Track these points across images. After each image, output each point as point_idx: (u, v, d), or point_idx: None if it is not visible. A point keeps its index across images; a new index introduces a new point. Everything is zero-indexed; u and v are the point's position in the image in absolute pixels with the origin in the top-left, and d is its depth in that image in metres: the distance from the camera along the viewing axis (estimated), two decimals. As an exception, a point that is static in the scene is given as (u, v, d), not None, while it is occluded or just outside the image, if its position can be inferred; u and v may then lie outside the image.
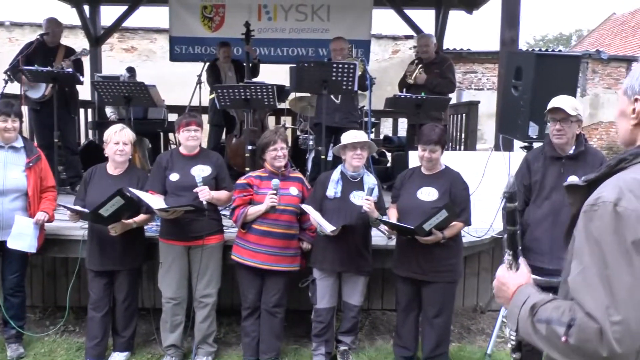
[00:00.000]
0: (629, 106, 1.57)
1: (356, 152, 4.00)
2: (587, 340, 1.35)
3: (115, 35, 13.13)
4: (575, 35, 35.09)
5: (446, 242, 3.81)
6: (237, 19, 8.27)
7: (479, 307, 5.39)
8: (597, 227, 1.40)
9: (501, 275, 1.70)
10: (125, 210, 3.91)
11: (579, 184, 1.60)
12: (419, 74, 6.38)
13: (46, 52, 6.34)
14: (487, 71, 15.25)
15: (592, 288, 1.37)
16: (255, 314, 4.19)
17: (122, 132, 4.15)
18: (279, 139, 4.12)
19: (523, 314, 1.53)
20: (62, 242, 4.65)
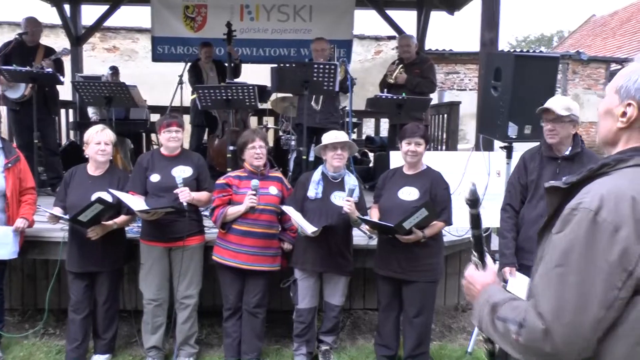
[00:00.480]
0: (618, 107, 1.56)
1: (336, 152, 4.02)
2: (534, 339, 1.40)
3: (96, 35, 13.02)
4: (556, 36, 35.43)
5: (427, 241, 3.84)
6: (219, 19, 8.27)
7: (460, 306, 5.44)
8: (572, 232, 1.41)
9: (469, 275, 1.77)
10: (104, 213, 3.89)
11: (560, 186, 1.60)
12: (400, 74, 6.42)
13: (25, 52, 6.28)
14: (469, 72, 15.34)
15: (551, 290, 1.40)
16: (237, 315, 4.19)
17: (104, 132, 4.13)
18: (257, 137, 4.12)
19: (485, 312, 1.57)
20: (41, 244, 4.63)
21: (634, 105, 1.52)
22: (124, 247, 4.33)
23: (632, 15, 20.71)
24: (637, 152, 1.52)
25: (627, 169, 1.49)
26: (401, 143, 4.00)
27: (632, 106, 1.53)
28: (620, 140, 1.57)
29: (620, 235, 1.36)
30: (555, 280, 1.40)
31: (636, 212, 1.38)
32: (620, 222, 1.37)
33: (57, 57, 6.33)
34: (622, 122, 1.55)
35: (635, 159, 1.50)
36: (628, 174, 1.48)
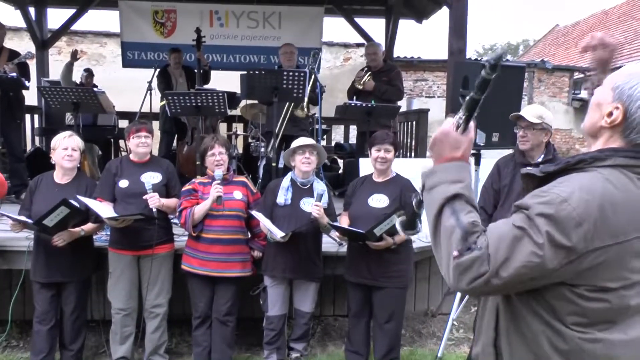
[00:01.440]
0: (607, 105, 1.57)
1: (305, 155, 4.04)
2: (471, 272, 1.43)
3: (63, 39, 12.79)
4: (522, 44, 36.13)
5: (396, 247, 3.87)
6: (188, 24, 8.23)
7: (430, 311, 5.48)
8: (538, 207, 1.43)
9: (445, 131, 1.64)
10: (70, 218, 3.81)
11: (536, 174, 1.62)
12: (368, 81, 6.49)
13: None
14: (438, 79, 15.50)
15: (504, 242, 1.43)
16: (207, 323, 4.15)
17: (71, 138, 4.05)
18: (216, 144, 4.11)
19: (443, 190, 1.55)
20: (5, 253, 4.53)
21: (621, 109, 1.55)
22: (91, 256, 4.25)
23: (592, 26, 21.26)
24: (615, 152, 1.54)
25: (603, 168, 1.52)
26: (371, 150, 4.03)
27: (619, 109, 1.55)
28: (601, 137, 1.59)
29: (578, 230, 1.41)
30: (512, 236, 1.43)
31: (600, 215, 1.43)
32: (583, 219, 1.41)
33: (21, 60, 6.17)
34: (606, 122, 1.57)
35: (612, 159, 1.53)
36: (604, 174, 1.51)
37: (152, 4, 8.96)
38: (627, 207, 1.47)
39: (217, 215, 4.02)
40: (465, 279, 1.44)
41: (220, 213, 4.01)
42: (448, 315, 4.64)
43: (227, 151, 4.20)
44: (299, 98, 5.21)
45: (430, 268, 5.53)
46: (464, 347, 4.89)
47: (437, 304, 5.48)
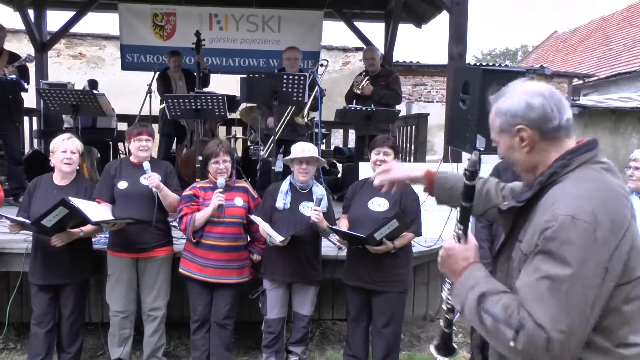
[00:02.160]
0: (511, 140, 1.65)
1: (302, 166, 4.03)
2: (535, 346, 1.44)
3: (62, 41, 12.79)
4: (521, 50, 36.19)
5: (396, 252, 3.86)
6: (188, 27, 8.24)
7: (429, 316, 5.48)
8: (556, 242, 1.45)
9: (449, 247, 1.74)
10: (69, 219, 3.78)
11: (515, 205, 1.66)
12: (366, 85, 6.51)
13: None
14: (437, 84, 15.51)
15: (543, 301, 1.44)
16: (205, 327, 4.14)
17: (70, 140, 4.04)
18: (221, 151, 4.08)
19: (470, 300, 1.59)
20: (3, 255, 4.51)
21: (524, 125, 1.61)
22: (90, 258, 4.24)
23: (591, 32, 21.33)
24: (573, 154, 1.60)
25: (574, 172, 1.57)
26: (370, 153, 4.03)
27: (523, 129, 1.61)
28: (535, 162, 1.65)
29: (597, 235, 1.43)
30: (546, 290, 1.44)
31: (608, 212, 1.46)
32: (596, 223, 1.44)
33: (21, 63, 6.19)
34: (526, 146, 1.63)
35: (576, 159, 1.58)
36: (581, 176, 1.55)
37: (151, 7, 8.96)
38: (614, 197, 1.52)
39: (217, 222, 4.01)
40: (541, 357, 1.45)
41: (220, 220, 4.01)
42: (446, 319, 4.64)
43: (232, 158, 4.19)
44: (298, 101, 5.21)
45: (429, 272, 5.53)
46: (463, 351, 4.88)
47: (436, 309, 5.47)
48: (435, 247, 5.09)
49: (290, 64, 6.19)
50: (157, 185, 3.99)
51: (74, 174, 4.13)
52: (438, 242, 5.10)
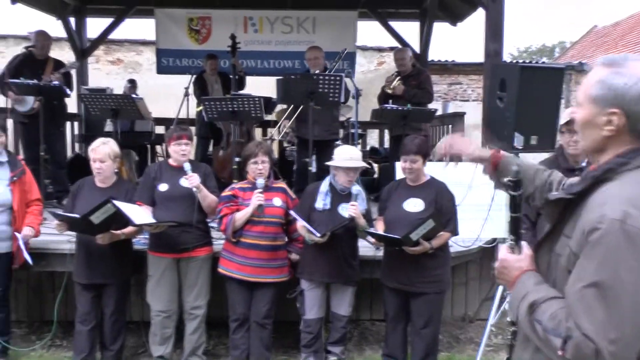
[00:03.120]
0: (598, 116, 1.54)
1: (349, 175, 4.02)
2: (584, 357, 1.40)
3: (101, 48, 13.04)
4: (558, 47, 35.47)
5: (434, 252, 3.83)
6: (223, 31, 8.29)
7: (468, 317, 5.42)
8: (603, 247, 1.40)
9: (503, 258, 1.72)
10: (114, 220, 3.85)
11: (564, 197, 1.60)
12: (398, 85, 6.48)
13: (35, 65, 6.30)
14: (472, 82, 15.31)
15: (591, 310, 1.39)
16: (244, 326, 4.18)
17: (99, 148, 4.08)
18: (259, 152, 4.11)
19: (522, 309, 1.56)
20: (48, 256, 4.64)
21: (619, 112, 1.51)
22: (131, 259, 4.32)
23: (634, 25, 20.76)
24: (636, 152, 1.52)
25: (631, 172, 1.50)
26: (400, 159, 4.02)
27: (616, 113, 1.51)
28: (610, 146, 1.56)
29: None
30: (593, 298, 1.39)
31: None
32: None
33: (67, 70, 6.38)
34: (610, 131, 1.53)
35: (637, 159, 1.51)
36: (636, 177, 1.48)
37: (187, 11, 9.08)
38: None
39: (257, 222, 4.04)
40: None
41: (260, 219, 4.04)
42: (486, 320, 4.59)
43: (271, 159, 4.22)
44: (334, 102, 5.21)
45: (468, 273, 5.47)
46: (503, 353, 4.80)
47: (475, 310, 5.40)
48: (474, 247, 5.03)
49: (312, 64, 6.18)
50: (197, 186, 4.05)
51: (113, 177, 4.22)
52: (476, 242, 5.04)
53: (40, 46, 6.43)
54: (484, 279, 5.47)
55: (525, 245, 1.71)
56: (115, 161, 4.17)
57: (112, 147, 4.15)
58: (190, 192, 4.10)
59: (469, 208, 5.05)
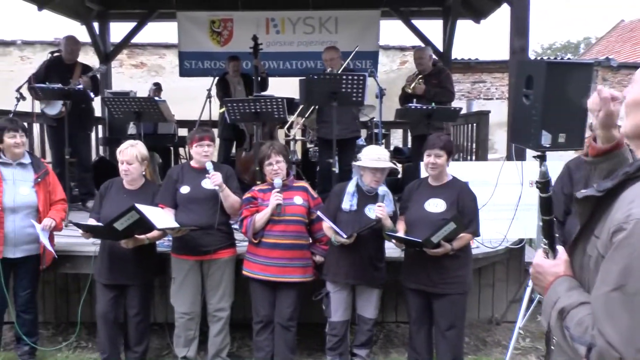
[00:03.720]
0: None
1: (376, 175, 3.96)
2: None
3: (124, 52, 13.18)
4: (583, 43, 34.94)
5: (455, 253, 3.77)
6: (245, 32, 8.30)
7: (495, 319, 5.32)
8: (628, 249, 1.31)
9: (537, 264, 1.66)
10: (138, 226, 3.86)
11: (594, 194, 1.52)
12: (418, 84, 6.40)
13: (63, 70, 6.40)
14: (496, 80, 15.15)
15: (615, 316, 1.32)
16: (268, 328, 4.15)
17: (127, 150, 4.10)
18: (272, 152, 4.09)
19: (553, 316, 1.51)
20: (73, 258, 4.68)
21: None
22: (154, 261, 4.34)
23: (662, 20, 20.33)
24: None
25: None
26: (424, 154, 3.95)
27: None
28: None
29: None
30: (618, 304, 1.31)
31: None
32: None
33: (94, 74, 6.47)
34: None
35: None
36: None
37: (208, 13, 9.09)
38: None
39: (278, 220, 4.02)
40: None
41: (280, 218, 4.02)
42: (513, 323, 4.51)
43: (285, 158, 4.19)
44: (358, 102, 5.15)
45: (494, 274, 5.38)
46: (532, 357, 4.72)
47: (502, 312, 5.31)
48: (500, 248, 4.94)
49: (328, 64, 6.12)
50: (219, 184, 4.03)
51: (141, 179, 4.23)
52: (503, 242, 4.95)
53: (70, 50, 6.53)
54: (511, 281, 5.37)
55: (561, 250, 1.65)
56: (142, 163, 4.18)
57: (139, 149, 4.17)
58: (212, 194, 4.10)
59: (495, 208, 4.98)
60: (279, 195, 3.97)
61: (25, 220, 4.21)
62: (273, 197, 3.97)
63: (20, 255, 4.22)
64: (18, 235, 4.18)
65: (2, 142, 4.17)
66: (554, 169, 4.89)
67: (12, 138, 4.16)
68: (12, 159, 4.22)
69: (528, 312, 4.32)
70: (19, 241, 4.19)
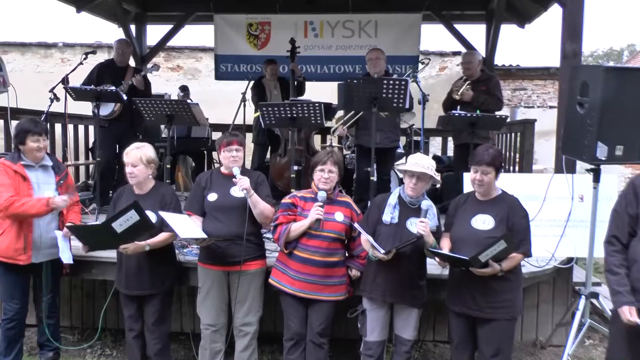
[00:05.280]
0: None
1: (412, 181, 3.70)
2: None
3: (161, 55, 13.24)
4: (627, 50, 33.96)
5: (505, 274, 3.48)
6: (283, 36, 8.20)
7: (539, 342, 5.01)
8: None
9: None
10: (140, 230, 3.65)
11: None
12: (466, 91, 6.10)
13: (116, 72, 6.48)
14: (537, 88, 14.77)
15: None
16: (300, 346, 3.91)
17: (131, 152, 3.95)
18: (329, 160, 3.86)
19: None
20: (98, 264, 4.57)
21: None
22: (171, 270, 4.16)
23: None
24: None
25: None
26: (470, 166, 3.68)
27: None
28: None
29: None
30: None
31: None
32: None
33: (145, 73, 6.47)
34: None
35: None
36: None
37: (247, 16, 9.00)
38: None
39: (314, 235, 3.79)
40: None
41: (317, 233, 3.79)
42: (559, 347, 4.22)
43: (340, 170, 3.94)
44: (399, 108, 4.90)
45: (539, 295, 5.07)
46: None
47: (547, 335, 4.98)
48: (548, 267, 4.62)
49: (372, 64, 5.89)
50: (247, 188, 3.81)
51: (150, 182, 4.07)
52: (551, 261, 4.64)
53: (121, 53, 6.63)
54: (558, 302, 5.05)
55: None
56: (149, 166, 4.00)
57: (145, 151, 3.99)
58: (242, 203, 3.90)
59: (543, 223, 4.69)
60: (320, 210, 3.72)
61: (50, 224, 4.14)
62: (314, 211, 3.73)
63: (43, 259, 4.17)
64: (43, 239, 4.12)
65: (24, 145, 4.08)
66: (608, 183, 4.61)
67: (35, 142, 4.07)
68: (33, 161, 4.13)
69: (579, 337, 4.01)
70: (43, 245, 4.13)
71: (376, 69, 5.80)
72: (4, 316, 4.18)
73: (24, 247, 4.03)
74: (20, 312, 4.16)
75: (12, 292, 4.13)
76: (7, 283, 4.13)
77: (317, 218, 3.71)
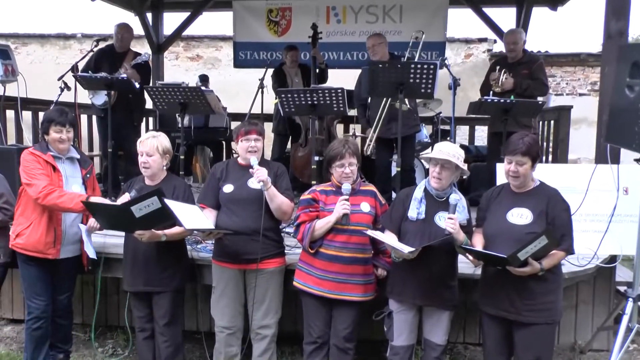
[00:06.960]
0: None
1: (435, 170, 3.40)
2: None
3: (180, 44, 13.03)
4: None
5: (544, 274, 3.17)
6: (304, 22, 7.93)
7: (578, 346, 4.67)
8: None
9: None
10: (158, 219, 3.44)
11: None
12: (505, 80, 5.69)
13: (114, 58, 6.24)
14: (567, 75, 14.31)
15: None
16: (322, 351, 3.65)
17: (147, 141, 3.75)
18: (347, 153, 3.55)
19: None
20: (108, 260, 4.36)
21: None
22: (183, 266, 3.94)
23: None
24: None
25: None
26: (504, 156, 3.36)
27: None
28: None
29: None
30: None
31: None
32: None
33: (138, 62, 6.16)
34: None
35: None
36: None
37: (266, 2, 8.79)
38: None
39: (341, 230, 3.51)
40: None
41: (344, 227, 3.50)
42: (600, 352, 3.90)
43: (359, 160, 3.65)
44: (426, 94, 4.57)
45: (578, 295, 4.73)
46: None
47: (587, 339, 4.64)
48: (590, 266, 4.27)
49: (371, 52, 5.60)
50: (263, 180, 3.54)
51: (162, 173, 3.86)
52: (593, 260, 4.29)
53: (120, 38, 6.33)
54: (599, 303, 4.70)
55: None
56: (164, 157, 3.80)
57: (161, 140, 3.80)
58: (259, 195, 3.63)
59: (585, 218, 4.36)
60: (346, 204, 3.44)
61: (75, 219, 4.00)
62: (340, 205, 3.45)
63: (64, 256, 3.99)
64: (69, 234, 4.00)
65: (48, 134, 3.91)
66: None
67: (57, 133, 3.89)
68: (59, 152, 3.95)
69: (626, 342, 3.68)
70: (67, 241, 4.00)
71: (376, 57, 5.48)
72: (29, 315, 4.02)
73: (53, 241, 3.90)
74: (47, 309, 4.00)
75: (37, 289, 3.97)
76: (32, 279, 3.98)
77: (345, 213, 3.43)
